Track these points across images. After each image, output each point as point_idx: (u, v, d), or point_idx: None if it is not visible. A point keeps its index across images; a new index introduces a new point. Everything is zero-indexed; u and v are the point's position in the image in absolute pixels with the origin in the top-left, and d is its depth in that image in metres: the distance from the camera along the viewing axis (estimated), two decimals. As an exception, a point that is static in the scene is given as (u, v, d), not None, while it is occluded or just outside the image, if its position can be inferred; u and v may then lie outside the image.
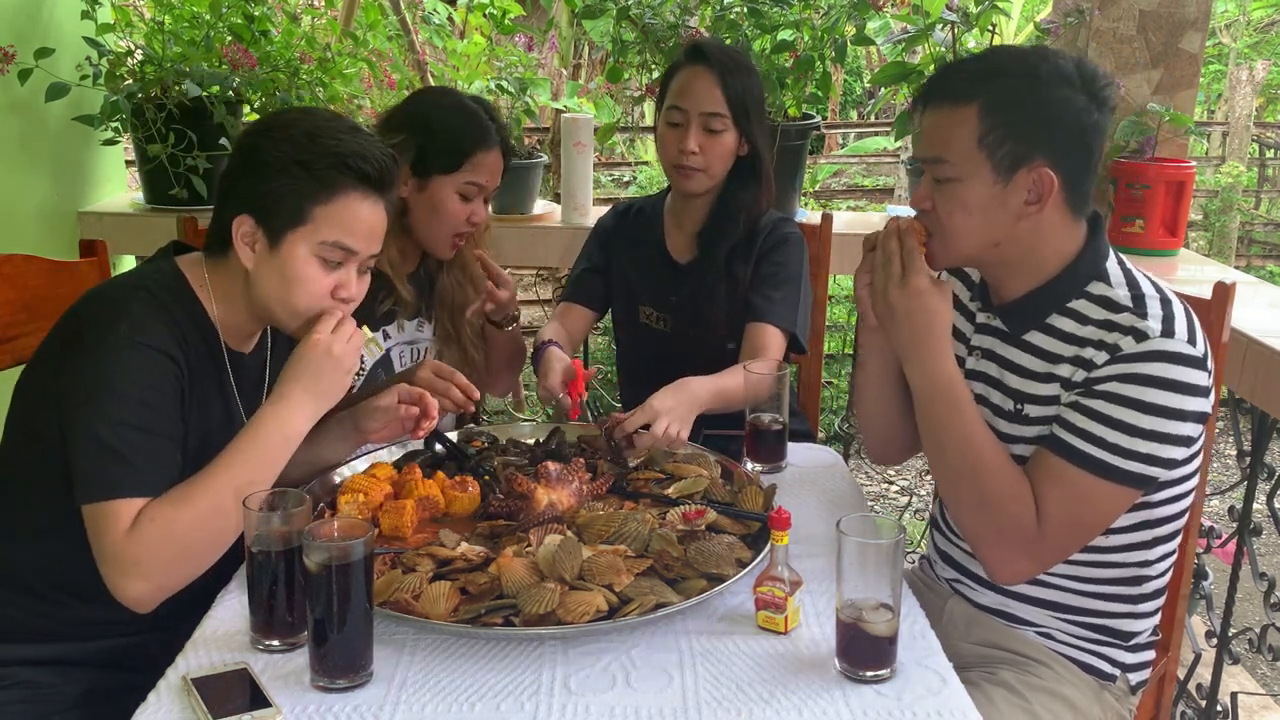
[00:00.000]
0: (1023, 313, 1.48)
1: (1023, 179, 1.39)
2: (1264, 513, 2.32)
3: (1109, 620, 1.53)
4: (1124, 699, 1.57)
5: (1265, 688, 3.21)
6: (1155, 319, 1.37)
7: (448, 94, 2.03)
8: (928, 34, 2.61)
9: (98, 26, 2.75)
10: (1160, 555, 1.51)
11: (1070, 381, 1.41)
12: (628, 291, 2.24)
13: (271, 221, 1.42)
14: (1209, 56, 9.55)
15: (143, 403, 1.36)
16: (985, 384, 1.53)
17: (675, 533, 1.50)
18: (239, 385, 1.55)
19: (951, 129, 1.40)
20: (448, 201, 1.94)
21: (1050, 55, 1.41)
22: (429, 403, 1.61)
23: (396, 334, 2.04)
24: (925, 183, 1.45)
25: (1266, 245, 8.64)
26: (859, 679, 1.24)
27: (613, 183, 8.39)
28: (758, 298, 2.07)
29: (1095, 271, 1.44)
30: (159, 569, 1.33)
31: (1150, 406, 1.34)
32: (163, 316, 1.42)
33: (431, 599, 1.32)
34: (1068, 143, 1.39)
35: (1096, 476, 1.36)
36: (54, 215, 2.85)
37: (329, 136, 1.42)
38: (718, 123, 2.02)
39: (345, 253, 1.45)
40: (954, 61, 1.46)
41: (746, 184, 2.10)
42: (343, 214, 1.43)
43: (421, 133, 1.92)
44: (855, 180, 9.33)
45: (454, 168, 1.92)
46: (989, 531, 1.44)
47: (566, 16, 5.29)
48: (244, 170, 1.45)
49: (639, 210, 2.27)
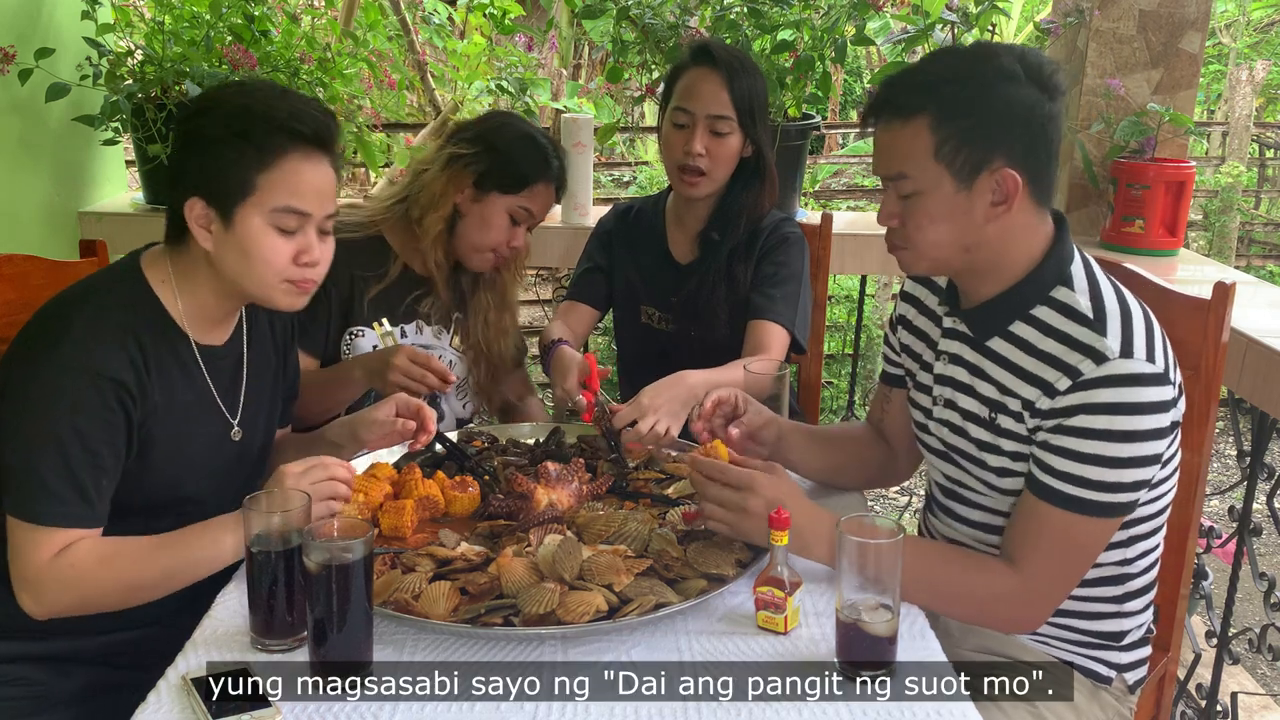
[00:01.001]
0: (987, 317, 1.47)
1: (985, 182, 1.37)
2: (1264, 513, 2.32)
3: (1097, 622, 1.53)
4: (1123, 698, 1.57)
5: (1265, 688, 3.21)
6: (1114, 337, 1.35)
7: (523, 122, 2.08)
8: (928, 34, 2.61)
9: (98, 26, 2.74)
10: (1140, 553, 1.51)
11: (1035, 407, 1.39)
12: (629, 291, 2.24)
13: (221, 199, 1.42)
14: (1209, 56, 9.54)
15: (75, 431, 1.36)
16: (954, 389, 1.52)
17: (675, 533, 1.50)
18: (215, 379, 1.54)
19: (905, 144, 1.38)
20: (496, 218, 1.98)
21: (992, 53, 1.39)
22: (426, 415, 1.61)
23: (415, 335, 2.04)
24: (889, 199, 1.44)
25: (1266, 245, 8.64)
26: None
27: (613, 183, 8.37)
28: (759, 296, 2.07)
29: (1060, 275, 1.43)
30: (57, 604, 1.39)
31: (1120, 434, 1.33)
32: (110, 330, 1.42)
33: (431, 599, 1.32)
34: (1024, 139, 1.37)
35: (1081, 515, 1.36)
36: (54, 215, 2.85)
37: (262, 104, 1.42)
38: (724, 125, 2.02)
39: (299, 216, 1.44)
40: (895, 74, 1.44)
41: (749, 185, 2.10)
42: (288, 177, 1.42)
43: (493, 150, 1.97)
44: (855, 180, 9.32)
45: (514, 190, 1.97)
46: (974, 612, 1.46)
47: (566, 16, 5.30)
48: (186, 153, 1.44)
49: (639, 211, 2.27)
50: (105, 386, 1.38)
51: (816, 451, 1.74)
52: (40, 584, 1.37)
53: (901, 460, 1.76)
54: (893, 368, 1.71)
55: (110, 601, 1.43)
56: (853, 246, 2.80)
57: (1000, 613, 1.43)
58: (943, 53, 1.46)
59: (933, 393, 1.57)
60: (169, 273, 1.49)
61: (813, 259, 2.25)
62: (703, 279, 2.11)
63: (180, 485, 1.51)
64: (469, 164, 1.96)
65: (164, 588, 1.42)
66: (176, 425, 1.47)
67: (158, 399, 1.44)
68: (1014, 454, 1.44)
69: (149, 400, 1.43)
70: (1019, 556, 1.40)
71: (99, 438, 1.38)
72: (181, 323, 1.49)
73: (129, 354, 1.41)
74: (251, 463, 1.63)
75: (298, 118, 1.42)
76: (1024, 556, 1.40)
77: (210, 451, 1.54)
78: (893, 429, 1.74)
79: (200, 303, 1.50)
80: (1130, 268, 1.72)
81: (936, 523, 1.64)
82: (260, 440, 1.64)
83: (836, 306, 5.91)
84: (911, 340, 1.65)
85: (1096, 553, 1.42)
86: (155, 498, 1.49)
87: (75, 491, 1.37)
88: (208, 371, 1.53)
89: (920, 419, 1.61)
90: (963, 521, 1.57)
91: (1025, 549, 1.40)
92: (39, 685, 1.46)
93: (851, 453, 1.77)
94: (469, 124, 2.09)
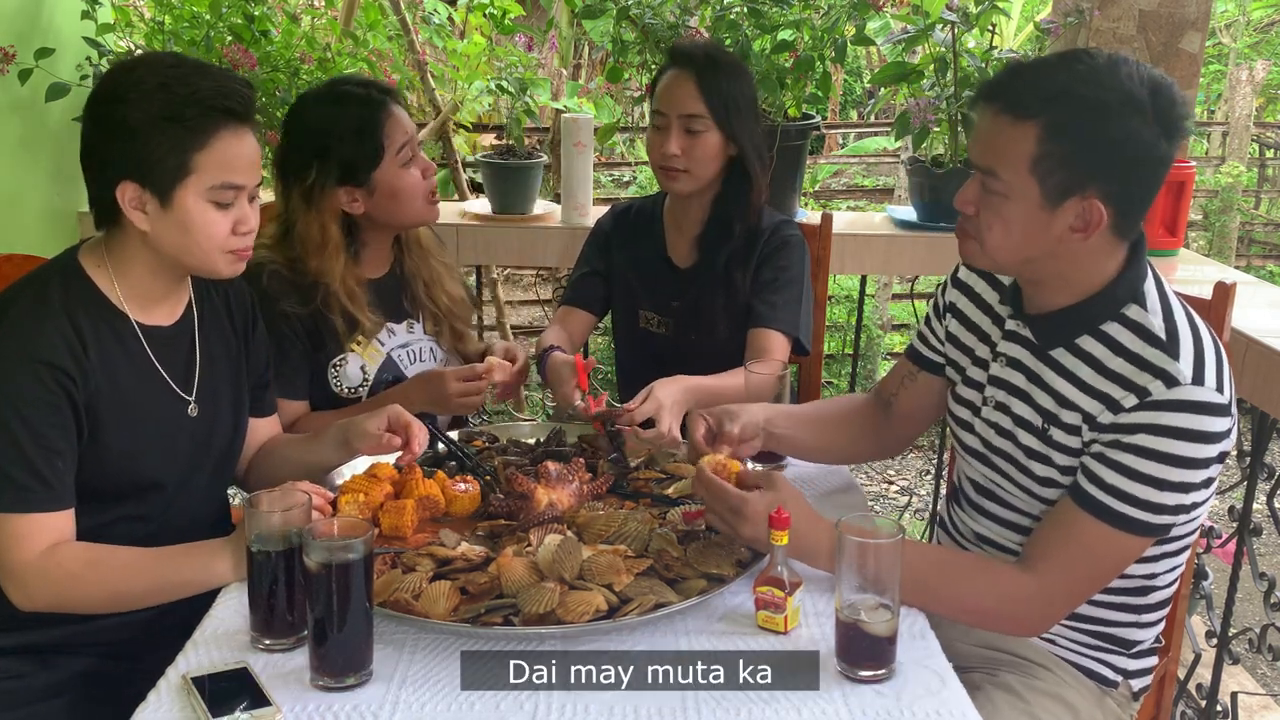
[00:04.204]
0: (1053, 328, 1.44)
1: (1072, 206, 1.33)
2: (1264, 513, 2.32)
3: (1113, 629, 1.53)
4: (1126, 705, 1.57)
5: (1265, 688, 3.21)
6: (1187, 362, 1.33)
7: (314, 102, 1.93)
8: (928, 34, 2.60)
9: (98, 26, 2.75)
10: (1168, 568, 1.50)
11: (1096, 421, 1.37)
12: (627, 295, 2.24)
13: (157, 181, 1.42)
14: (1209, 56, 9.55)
15: (20, 418, 1.38)
16: (1009, 393, 1.50)
17: (675, 533, 1.50)
18: (162, 358, 1.54)
19: (1007, 144, 1.33)
20: (397, 182, 1.88)
21: (1124, 77, 1.30)
22: (413, 434, 1.60)
23: (389, 339, 2.03)
24: (973, 185, 1.39)
25: (1266, 245, 8.64)
26: (858, 679, 1.24)
27: (613, 183, 8.38)
28: (760, 304, 2.07)
29: (1132, 294, 1.40)
30: (40, 600, 1.41)
31: (1178, 460, 1.32)
32: (45, 316, 1.43)
33: (431, 599, 1.32)
34: (1127, 176, 1.32)
35: (1118, 530, 1.35)
36: (54, 215, 2.85)
37: (183, 84, 1.42)
38: (698, 124, 2.02)
39: (235, 190, 1.46)
40: (1025, 66, 1.39)
41: (739, 187, 2.10)
42: (223, 154, 1.44)
43: (321, 150, 1.86)
44: (855, 180, 9.32)
45: (367, 172, 1.87)
46: (982, 616, 1.45)
47: (566, 16, 5.29)
48: (109, 139, 1.43)
49: (638, 211, 2.27)
50: (43, 371, 1.39)
51: (805, 434, 1.72)
52: (25, 577, 1.39)
53: (898, 437, 1.75)
54: (930, 352, 1.68)
55: (94, 605, 1.45)
56: (853, 246, 2.80)
57: (1011, 614, 1.42)
58: (1075, 59, 1.35)
59: (984, 392, 1.55)
60: (104, 258, 1.50)
61: (813, 259, 2.24)
62: (702, 284, 2.11)
63: (139, 465, 1.51)
64: (320, 184, 1.86)
65: (149, 600, 1.44)
66: (124, 404, 1.48)
67: (100, 380, 1.45)
68: (1064, 468, 1.42)
69: (89, 382, 1.44)
70: (1042, 561, 1.39)
71: (45, 420, 1.39)
72: (120, 304, 1.50)
73: (64, 338, 1.42)
74: (217, 447, 1.62)
75: (225, 95, 1.43)
76: (1048, 561, 1.38)
77: (167, 430, 1.54)
78: (906, 408, 1.71)
79: (137, 282, 1.51)
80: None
81: (964, 516, 1.62)
82: (226, 422, 1.64)
83: (836, 306, 5.92)
84: (961, 332, 1.61)
85: (1121, 569, 1.41)
86: (118, 480, 1.49)
87: (31, 475, 1.38)
88: (153, 351, 1.53)
89: (965, 416, 1.58)
90: (992, 519, 1.56)
91: (1051, 554, 1.38)
92: (22, 677, 1.47)
93: (842, 432, 1.76)
94: (288, 123, 1.94)
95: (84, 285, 1.48)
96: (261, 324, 1.73)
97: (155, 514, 1.54)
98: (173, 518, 1.55)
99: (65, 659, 1.50)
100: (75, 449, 1.43)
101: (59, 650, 1.50)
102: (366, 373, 1.96)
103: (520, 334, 5.36)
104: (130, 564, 1.43)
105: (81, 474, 1.44)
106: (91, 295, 1.48)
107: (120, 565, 1.42)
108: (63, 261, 1.51)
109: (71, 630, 1.49)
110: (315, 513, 1.38)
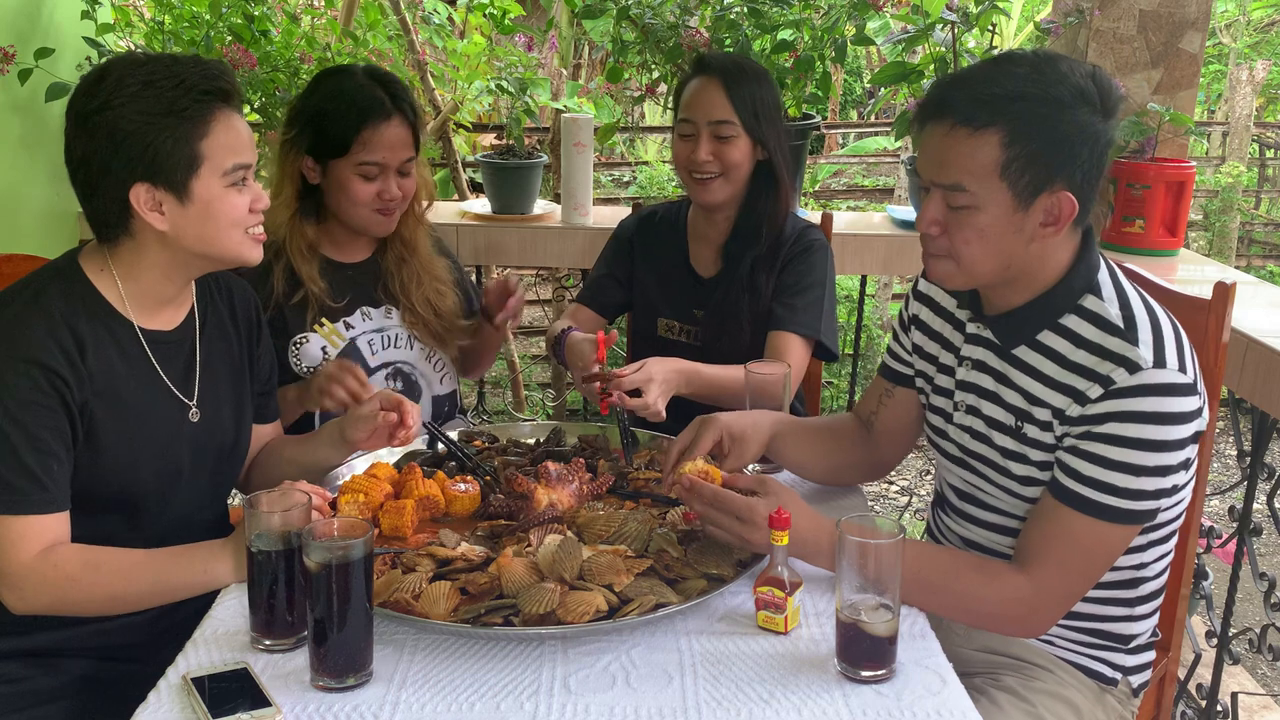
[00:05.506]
0: (1014, 326, 1.46)
1: (1041, 202, 1.35)
2: (1264, 513, 2.32)
3: (1107, 624, 1.53)
4: (1126, 702, 1.57)
5: (1265, 688, 3.21)
6: (1146, 346, 1.35)
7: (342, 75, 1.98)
8: (928, 34, 2.60)
9: (98, 26, 2.75)
10: (1155, 557, 1.51)
11: (1065, 415, 1.39)
12: (646, 304, 2.24)
13: (169, 177, 1.42)
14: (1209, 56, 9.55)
15: (13, 420, 1.38)
16: (978, 396, 1.51)
17: (675, 533, 1.50)
18: (163, 362, 1.54)
19: (970, 155, 1.34)
20: (348, 181, 1.93)
21: (1064, 71, 1.34)
22: (406, 410, 1.61)
23: (362, 323, 2.02)
24: (935, 205, 1.39)
25: (1266, 245, 8.63)
26: (858, 679, 1.24)
27: (613, 183, 8.37)
28: (780, 307, 2.07)
29: (1088, 284, 1.42)
30: (37, 602, 1.41)
31: (1151, 444, 1.33)
32: (41, 319, 1.42)
33: (431, 599, 1.32)
34: (1086, 164, 1.35)
35: (1103, 521, 1.36)
36: (54, 215, 2.85)
37: (167, 77, 1.41)
38: (727, 129, 2.02)
39: (244, 169, 1.47)
40: (964, 77, 1.39)
41: (765, 192, 2.09)
42: (227, 136, 1.45)
43: (308, 120, 1.94)
44: (855, 180, 9.32)
45: (341, 152, 1.92)
46: (982, 618, 1.45)
47: (566, 16, 5.29)
48: (108, 148, 1.40)
49: (661, 218, 2.26)
50: (35, 372, 1.39)
51: (810, 452, 1.73)
52: (21, 580, 1.38)
53: (885, 456, 1.75)
54: (900, 365, 1.69)
55: (92, 608, 1.44)
56: (853, 246, 2.80)
57: (1010, 615, 1.43)
58: (1012, 63, 1.37)
59: (954, 398, 1.55)
60: (107, 263, 1.49)
61: (813, 259, 2.24)
62: (727, 292, 2.11)
63: (137, 468, 1.50)
64: (294, 144, 1.94)
65: (147, 602, 1.44)
66: (123, 408, 1.47)
67: (97, 383, 1.44)
68: (1041, 464, 1.43)
69: (86, 385, 1.43)
70: (1034, 560, 1.39)
71: (39, 423, 1.39)
72: (123, 309, 1.49)
73: (58, 340, 1.41)
74: (218, 452, 1.62)
75: (212, 78, 1.44)
76: (1039, 561, 1.39)
77: (166, 434, 1.54)
78: (886, 424, 1.72)
79: (149, 286, 1.51)
80: (1131, 268, 1.71)
81: (950, 522, 1.63)
82: (228, 429, 1.63)
83: (837, 307, 5.91)
84: (925, 342, 1.63)
85: (1112, 559, 1.42)
86: (116, 485, 1.49)
87: (26, 478, 1.37)
88: (154, 355, 1.52)
89: (938, 424, 1.59)
90: (978, 524, 1.56)
91: (1042, 553, 1.39)
92: (23, 681, 1.47)
93: (847, 451, 1.76)
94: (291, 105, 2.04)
95: (84, 289, 1.48)
96: (267, 330, 1.73)
97: (153, 519, 1.53)
98: (171, 523, 1.55)
99: (66, 662, 1.50)
100: (70, 451, 1.42)
101: (59, 653, 1.49)
102: (327, 354, 1.97)
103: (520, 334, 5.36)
104: (129, 565, 1.42)
105: (79, 478, 1.44)
106: (92, 299, 1.48)
107: (119, 567, 1.42)
108: (62, 264, 1.50)
109: (72, 633, 1.49)
110: (315, 513, 1.38)
